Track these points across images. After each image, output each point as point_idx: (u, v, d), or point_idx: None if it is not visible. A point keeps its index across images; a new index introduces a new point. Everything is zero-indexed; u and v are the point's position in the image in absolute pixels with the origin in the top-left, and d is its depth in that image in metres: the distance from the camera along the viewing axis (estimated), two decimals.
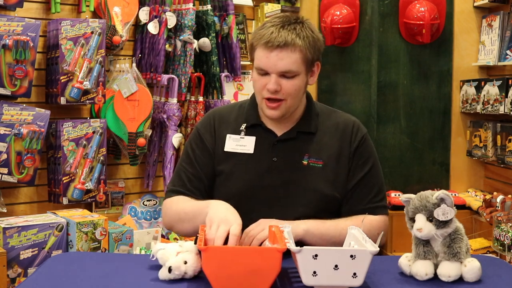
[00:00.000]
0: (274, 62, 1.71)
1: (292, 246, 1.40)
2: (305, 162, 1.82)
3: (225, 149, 1.85)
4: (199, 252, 1.49)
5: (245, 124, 1.86)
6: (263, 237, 1.65)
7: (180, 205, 1.81)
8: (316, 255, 1.38)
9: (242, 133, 1.85)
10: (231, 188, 1.83)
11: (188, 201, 1.81)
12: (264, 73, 1.74)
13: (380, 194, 1.87)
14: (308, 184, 1.81)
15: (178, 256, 1.50)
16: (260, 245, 1.64)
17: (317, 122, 1.87)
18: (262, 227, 1.67)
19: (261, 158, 1.81)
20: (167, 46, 3.45)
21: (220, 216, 1.56)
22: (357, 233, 1.57)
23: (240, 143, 1.84)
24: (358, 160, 1.85)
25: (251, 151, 1.82)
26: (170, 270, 1.48)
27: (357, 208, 1.82)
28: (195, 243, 1.51)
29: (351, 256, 1.39)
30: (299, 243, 1.67)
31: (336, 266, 1.39)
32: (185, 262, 1.48)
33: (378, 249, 1.41)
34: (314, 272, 1.39)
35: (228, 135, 1.85)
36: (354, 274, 1.39)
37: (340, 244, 1.65)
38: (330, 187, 1.82)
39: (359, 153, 1.85)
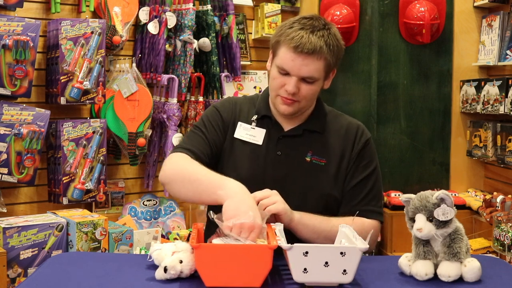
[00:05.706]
0: (298, 66, 1.73)
1: (283, 244, 1.43)
2: (308, 159, 1.84)
3: (235, 135, 1.87)
4: None
5: (256, 116, 1.89)
6: (274, 209, 1.64)
7: (189, 164, 1.74)
8: (306, 252, 1.40)
9: (253, 123, 1.89)
10: (234, 177, 1.82)
11: (199, 165, 1.72)
12: (285, 73, 1.77)
13: (376, 199, 1.88)
14: (309, 180, 1.83)
15: (173, 256, 1.50)
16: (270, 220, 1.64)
17: (325, 122, 1.90)
18: (274, 199, 1.66)
19: (266, 151, 1.83)
20: (167, 46, 3.45)
21: (241, 211, 1.51)
22: (348, 231, 1.59)
23: (250, 133, 1.87)
24: (359, 162, 1.87)
25: (260, 142, 1.85)
26: (165, 270, 1.48)
27: (352, 209, 1.83)
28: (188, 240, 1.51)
29: (341, 253, 1.40)
30: (291, 234, 1.69)
31: (326, 263, 1.40)
32: (181, 262, 1.49)
33: (368, 246, 1.43)
34: (305, 269, 1.41)
35: (239, 123, 1.89)
36: (344, 271, 1.41)
37: (331, 239, 1.67)
38: (330, 186, 1.84)
39: (361, 156, 1.87)
